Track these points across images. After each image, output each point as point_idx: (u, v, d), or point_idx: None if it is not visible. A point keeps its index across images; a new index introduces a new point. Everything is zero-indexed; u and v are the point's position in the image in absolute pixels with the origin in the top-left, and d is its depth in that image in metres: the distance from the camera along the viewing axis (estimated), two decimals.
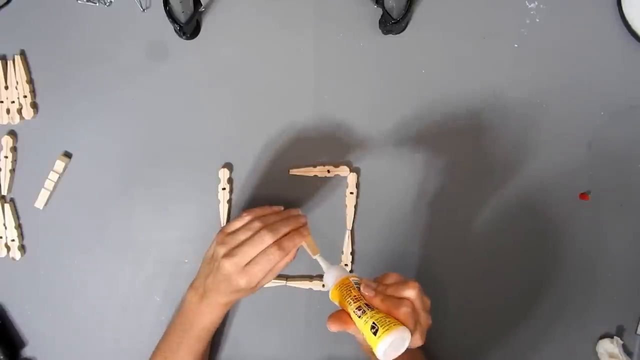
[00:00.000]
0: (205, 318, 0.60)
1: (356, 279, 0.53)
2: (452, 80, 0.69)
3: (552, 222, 0.69)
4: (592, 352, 0.69)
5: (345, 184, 0.68)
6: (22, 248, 0.69)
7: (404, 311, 0.48)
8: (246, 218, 0.58)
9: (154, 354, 0.62)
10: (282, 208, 0.62)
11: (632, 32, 0.68)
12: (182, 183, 0.68)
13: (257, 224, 0.57)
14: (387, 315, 0.48)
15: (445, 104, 0.69)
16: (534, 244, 0.69)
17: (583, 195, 0.69)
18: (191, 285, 0.62)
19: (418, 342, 0.49)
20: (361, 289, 0.51)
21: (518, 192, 0.69)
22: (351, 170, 0.68)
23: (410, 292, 0.49)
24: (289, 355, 0.69)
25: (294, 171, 0.68)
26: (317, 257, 0.57)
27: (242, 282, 0.55)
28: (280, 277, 0.69)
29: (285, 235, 0.56)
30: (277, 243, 0.55)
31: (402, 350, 0.48)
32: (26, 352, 0.69)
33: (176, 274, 0.69)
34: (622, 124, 0.69)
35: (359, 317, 0.49)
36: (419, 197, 0.68)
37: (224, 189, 0.68)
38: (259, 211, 0.60)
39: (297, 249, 0.57)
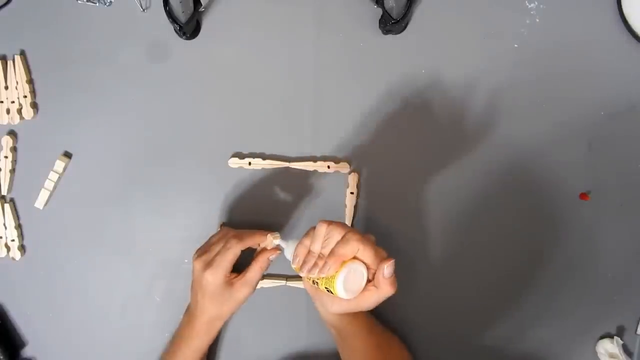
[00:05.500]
0: (195, 340, 0.61)
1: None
2: (452, 80, 0.69)
3: (552, 222, 0.69)
4: (592, 352, 0.69)
5: (346, 182, 0.68)
6: (22, 248, 0.69)
7: (349, 248, 0.50)
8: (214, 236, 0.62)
9: None
10: None
11: (632, 32, 0.68)
12: (182, 182, 0.68)
13: (226, 231, 0.61)
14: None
15: (445, 104, 0.69)
16: (533, 244, 0.69)
17: (583, 195, 0.69)
18: (185, 310, 0.64)
19: (387, 288, 0.51)
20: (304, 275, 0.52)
21: (518, 192, 0.69)
22: (351, 170, 0.68)
23: (354, 245, 0.51)
24: (289, 355, 0.69)
25: (294, 164, 0.68)
26: (276, 242, 0.60)
27: (208, 274, 0.57)
28: (280, 277, 0.69)
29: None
30: (237, 236, 0.59)
31: (364, 283, 0.51)
32: (26, 352, 0.69)
33: (176, 274, 0.69)
34: (622, 124, 0.69)
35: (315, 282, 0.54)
36: (419, 197, 0.68)
37: None
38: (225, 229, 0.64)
39: None
